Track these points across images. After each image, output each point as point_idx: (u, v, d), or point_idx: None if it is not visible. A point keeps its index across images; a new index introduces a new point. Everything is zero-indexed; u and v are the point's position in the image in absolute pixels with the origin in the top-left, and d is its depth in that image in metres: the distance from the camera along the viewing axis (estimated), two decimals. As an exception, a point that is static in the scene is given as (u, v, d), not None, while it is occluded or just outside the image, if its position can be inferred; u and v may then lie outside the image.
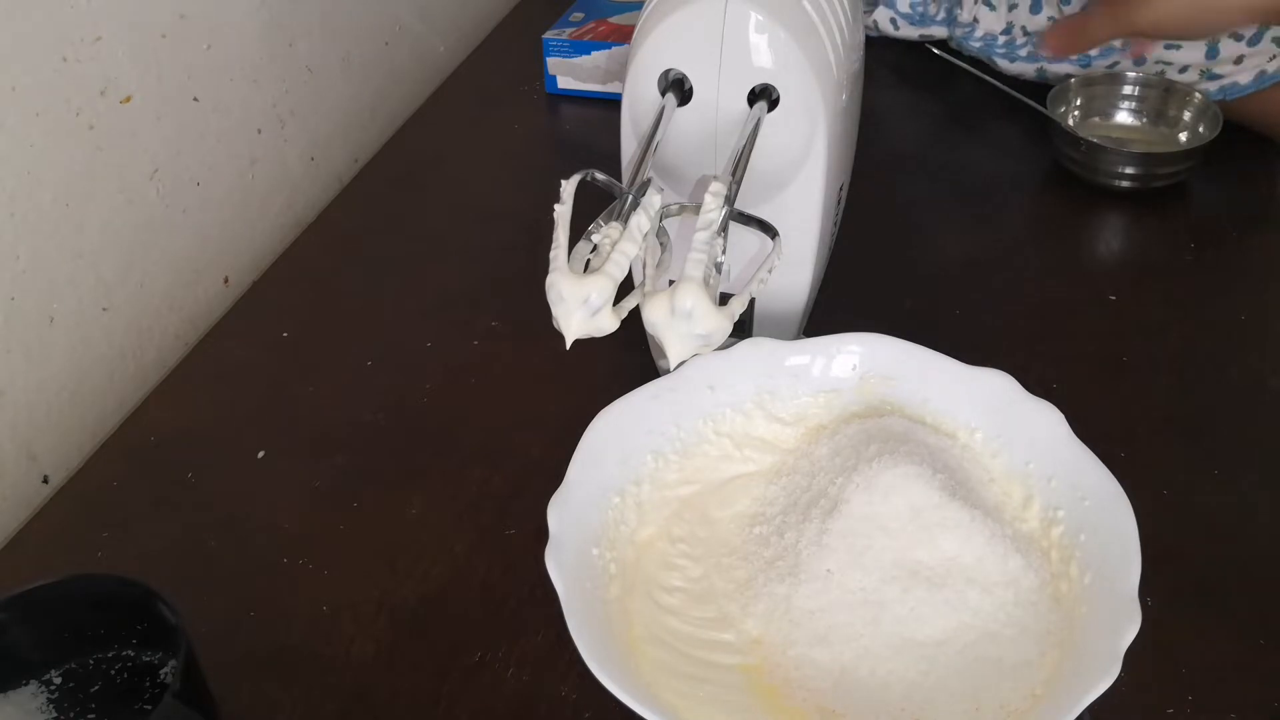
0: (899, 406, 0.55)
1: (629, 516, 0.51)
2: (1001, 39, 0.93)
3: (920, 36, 0.98)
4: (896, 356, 0.55)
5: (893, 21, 0.97)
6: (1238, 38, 0.85)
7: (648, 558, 0.51)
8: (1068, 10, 0.91)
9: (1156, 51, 0.87)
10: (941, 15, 0.96)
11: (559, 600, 0.43)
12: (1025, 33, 0.92)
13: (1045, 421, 0.51)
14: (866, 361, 0.55)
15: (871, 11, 0.98)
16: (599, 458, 0.50)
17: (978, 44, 0.94)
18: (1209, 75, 0.86)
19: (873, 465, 0.50)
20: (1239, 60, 0.85)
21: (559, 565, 0.44)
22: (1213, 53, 0.86)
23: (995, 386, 0.53)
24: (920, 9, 0.96)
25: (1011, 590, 0.47)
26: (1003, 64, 0.94)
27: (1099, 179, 0.82)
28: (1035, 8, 0.92)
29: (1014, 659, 0.46)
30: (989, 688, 0.45)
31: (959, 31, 0.95)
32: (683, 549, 0.52)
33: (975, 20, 0.94)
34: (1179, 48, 0.87)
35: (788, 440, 0.55)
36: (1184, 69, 0.87)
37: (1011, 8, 0.93)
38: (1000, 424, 0.53)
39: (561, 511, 0.47)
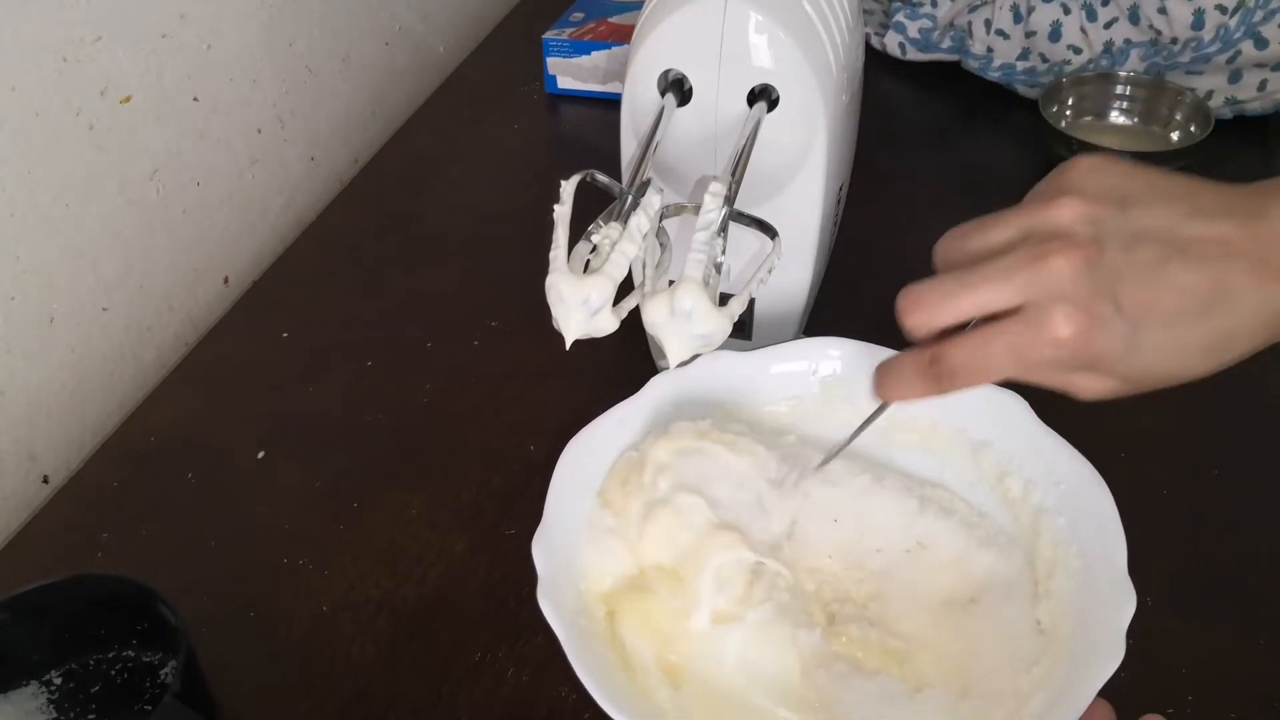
0: (860, 407, 0.55)
1: (612, 545, 0.51)
2: (1020, 65, 0.93)
3: (928, 61, 0.98)
4: (851, 357, 0.55)
5: (901, 46, 0.97)
6: (1260, 63, 0.85)
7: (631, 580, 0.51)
8: (1091, 27, 0.90)
9: (1178, 78, 0.87)
10: (947, 43, 0.96)
11: (557, 631, 0.43)
12: (1044, 59, 0.92)
13: (1010, 410, 0.51)
14: (825, 365, 0.55)
15: (883, 35, 0.98)
16: (572, 490, 0.49)
17: (996, 74, 0.94)
18: (1233, 102, 0.87)
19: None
20: (1262, 86, 0.85)
21: (554, 605, 0.44)
22: (1236, 78, 0.86)
23: None
24: (928, 35, 0.96)
25: (992, 589, 0.47)
26: (1023, 90, 0.93)
27: (1093, 179, 0.82)
28: (1054, 35, 0.91)
29: (1010, 653, 0.46)
30: (983, 681, 0.45)
31: (975, 64, 0.95)
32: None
33: (990, 51, 0.94)
34: (1201, 74, 0.87)
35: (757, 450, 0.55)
36: (1208, 95, 0.87)
37: (1029, 35, 0.92)
38: (963, 415, 0.53)
39: (545, 550, 0.46)
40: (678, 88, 0.55)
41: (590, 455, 0.51)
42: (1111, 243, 0.41)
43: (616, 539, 0.49)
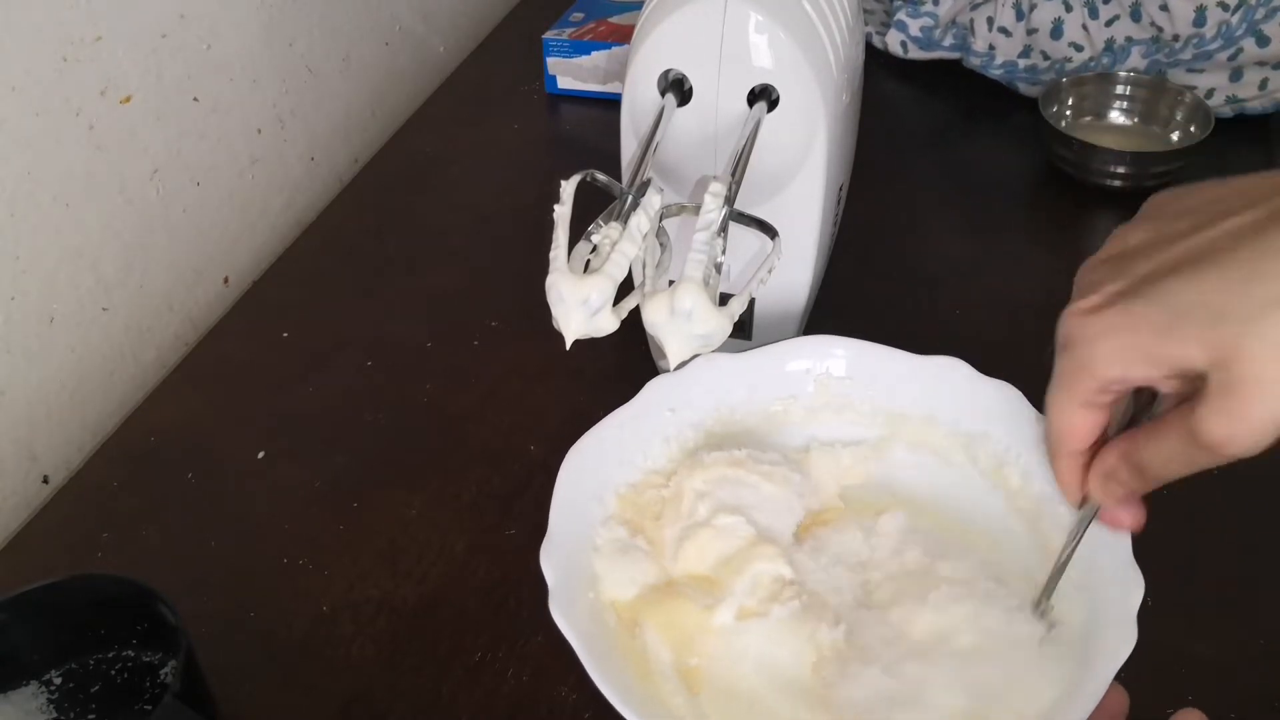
0: (857, 403, 0.55)
1: (637, 558, 0.51)
2: (1021, 63, 0.92)
3: (930, 60, 0.98)
4: (848, 355, 0.55)
5: (903, 45, 0.97)
6: (1261, 61, 0.85)
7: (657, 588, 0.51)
8: (1093, 25, 0.90)
9: (1179, 75, 0.87)
10: (949, 41, 0.96)
11: (571, 642, 0.43)
12: (1046, 57, 0.92)
13: (1004, 398, 0.51)
14: (820, 364, 0.55)
15: (884, 34, 0.98)
16: (575, 499, 0.49)
17: (998, 71, 0.94)
18: (1234, 100, 0.87)
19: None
20: (1263, 85, 0.85)
21: (565, 615, 0.44)
22: (1237, 76, 0.86)
23: (950, 372, 0.53)
24: (929, 33, 0.96)
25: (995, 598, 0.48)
26: (1024, 89, 0.93)
27: (1091, 179, 0.82)
28: (1056, 33, 0.91)
29: (1023, 645, 0.46)
30: (995, 674, 0.45)
31: (976, 61, 0.94)
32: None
33: (992, 48, 0.94)
34: (1202, 71, 0.87)
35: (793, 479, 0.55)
36: (1209, 93, 0.87)
37: (1031, 32, 0.92)
38: (960, 406, 0.53)
39: (553, 561, 0.46)
40: (678, 88, 0.55)
41: (592, 462, 0.51)
42: (1135, 237, 0.39)
43: (644, 557, 0.49)
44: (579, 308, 0.46)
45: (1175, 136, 0.85)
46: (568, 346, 0.47)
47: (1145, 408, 0.42)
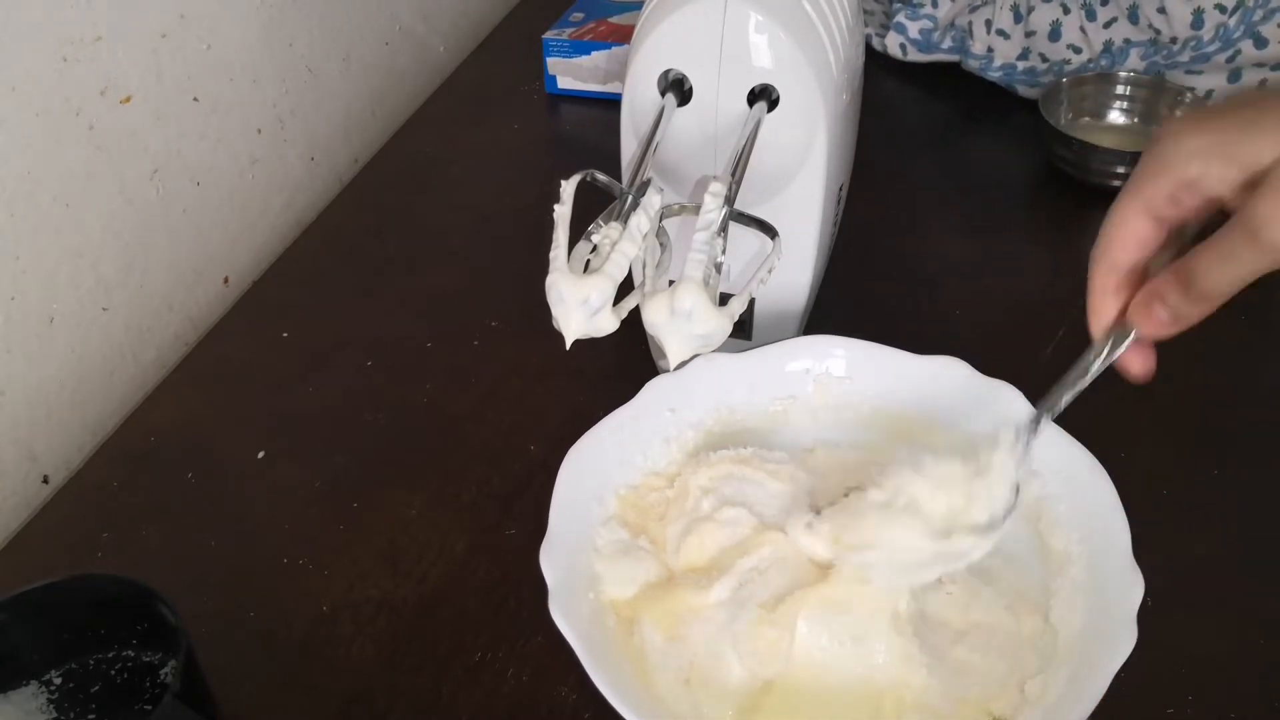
0: (856, 403, 0.55)
1: (639, 557, 0.51)
2: (1020, 65, 0.93)
3: (929, 62, 0.98)
4: (849, 355, 0.55)
5: (902, 47, 0.97)
6: (1260, 63, 0.85)
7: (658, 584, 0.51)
8: (1090, 27, 0.90)
9: (1177, 77, 0.87)
10: (948, 44, 0.96)
11: (571, 642, 0.43)
12: (1044, 59, 0.92)
13: (1004, 398, 0.51)
14: (820, 364, 0.55)
15: (884, 36, 0.98)
16: (575, 499, 0.49)
17: (997, 74, 0.94)
18: None
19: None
20: (1262, 85, 0.85)
21: (565, 615, 0.44)
22: (1235, 78, 0.86)
23: (950, 372, 0.53)
24: (928, 36, 0.96)
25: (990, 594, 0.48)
26: (1023, 90, 0.93)
27: (1091, 178, 0.82)
28: (1053, 35, 0.91)
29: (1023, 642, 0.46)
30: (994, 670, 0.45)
31: (975, 64, 0.94)
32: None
33: (990, 50, 0.94)
34: (1201, 73, 0.87)
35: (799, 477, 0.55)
36: (1208, 95, 0.87)
37: (1029, 34, 0.92)
38: (961, 407, 0.53)
39: (553, 561, 0.46)
40: (678, 88, 0.55)
41: (592, 462, 0.51)
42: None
43: (646, 555, 0.49)
44: (579, 308, 0.46)
45: (1175, 136, 0.85)
46: (568, 346, 0.47)
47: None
